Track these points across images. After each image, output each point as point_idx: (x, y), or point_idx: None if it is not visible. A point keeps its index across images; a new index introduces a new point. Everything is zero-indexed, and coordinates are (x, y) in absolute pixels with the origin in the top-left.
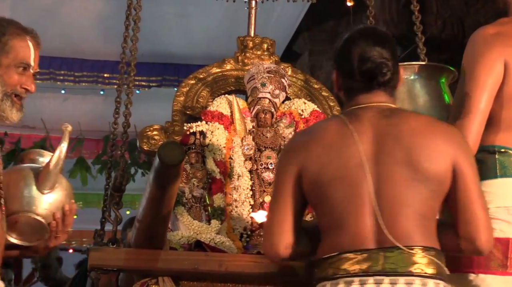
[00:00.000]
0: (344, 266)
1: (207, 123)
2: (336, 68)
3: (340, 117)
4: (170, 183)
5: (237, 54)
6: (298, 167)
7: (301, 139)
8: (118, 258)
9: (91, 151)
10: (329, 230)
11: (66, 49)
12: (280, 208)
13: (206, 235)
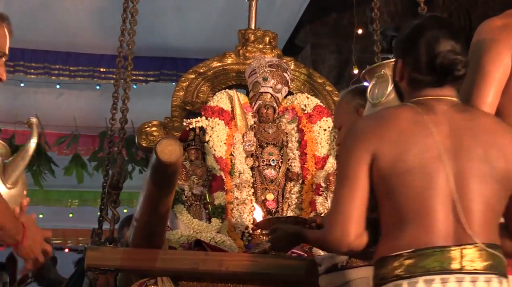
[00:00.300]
0: (423, 263)
1: (207, 118)
2: (402, 57)
3: (410, 106)
4: (168, 180)
5: (238, 47)
6: (370, 153)
7: (372, 123)
8: (116, 257)
9: (87, 148)
10: (401, 224)
11: (61, 42)
12: (351, 195)
13: (206, 234)
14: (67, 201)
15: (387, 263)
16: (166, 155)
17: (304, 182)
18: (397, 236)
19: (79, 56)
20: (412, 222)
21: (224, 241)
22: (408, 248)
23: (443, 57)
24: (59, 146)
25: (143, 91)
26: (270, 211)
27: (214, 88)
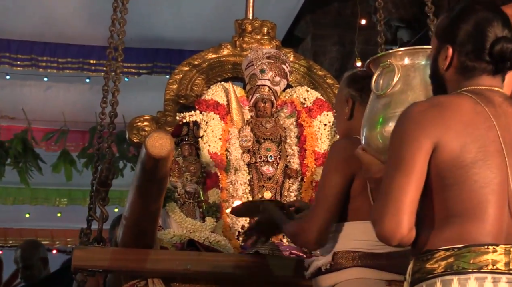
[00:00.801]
0: (474, 260)
1: (202, 112)
2: (450, 43)
3: (468, 95)
4: (158, 176)
5: (235, 38)
6: (434, 139)
7: (433, 111)
8: (104, 258)
9: (76, 144)
10: (454, 217)
11: (49, 33)
12: (408, 185)
13: (200, 233)
14: (55, 200)
15: (434, 257)
16: (157, 149)
17: (303, 179)
18: (447, 229)
19: (68, 47)
20: (467, 216)
21: (218, 241)
22: (459, 243)
23: (501, 44)
24: (47, 142)
25: (136, 84)
26: None
27: (209, 80)
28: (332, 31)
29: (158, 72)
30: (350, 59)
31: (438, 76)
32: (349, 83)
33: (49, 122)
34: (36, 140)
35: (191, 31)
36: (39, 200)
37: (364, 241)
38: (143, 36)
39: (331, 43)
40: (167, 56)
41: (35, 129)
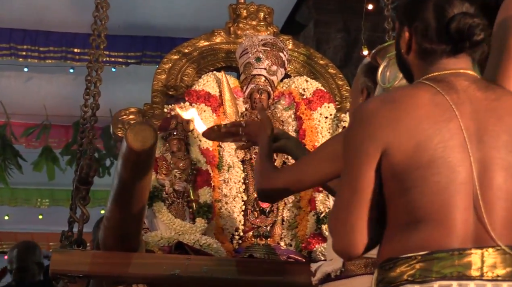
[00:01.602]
0: (437, 267)
1: (192, 104)
2: (407, 25)
3: (427, 84)
4: (141, 171)
5: (229, 24)
6: (382, 145)
7: (382, 109)
8: (85, 262)
9: (59, 140)
10: (414, 223)
11: (29, 19)
12: (357, 201)
13: (189, 235)
14: (36, 201)
15: (397, 266)
16: (139, 142)
17: None
18: (409, 236)
19: (50, 35)
20: (428, 221)
21: (210, 244)
22: (422, 249)
23: (457, 20)
24: (27, 137)
25: (123, 74)
26: (264, 210)
27: (200, 70)
28: (336, 17)
29: (147, 61)
30: (356, 47)
31: (402, 62)
32: (366, 72)
33: (29, 116)
34: (16, 135)
35: (183, 17)
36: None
37: None
38: (131, 23)
39: (335, 30)
40: (157, 45)
41: (15, 123)
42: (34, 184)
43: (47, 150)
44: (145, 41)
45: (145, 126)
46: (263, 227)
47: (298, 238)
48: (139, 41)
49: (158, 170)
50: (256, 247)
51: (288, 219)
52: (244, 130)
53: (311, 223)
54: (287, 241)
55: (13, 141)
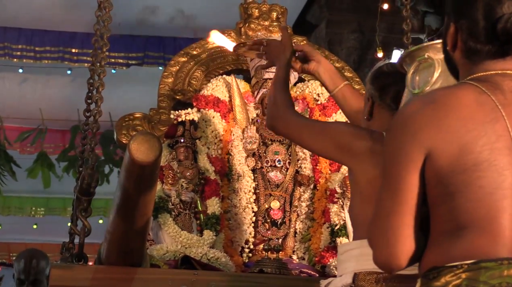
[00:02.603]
0: (484, 277)
1: (200, 110)
2: (453, 21)
3: (471, 84)
4: (145, 184)
5: (240, 25)
6: (424, 147)
7: (425, 111)
8: (86, 277)
9: (55, 145)
10: (460, 230)
11: (24, 18)
12: (401, 208)
13: (196, 249)
14: (30, 210)
15: (441, 275)
16: (142, 154)
17: (316, 187)
18: (454, 243)
19: (46, 34)
20: (475, 228)
21: (218, 258)
22: (468, 258)
23: (505, 21)
24: (22, 142)
25: (124, 76)
26: (275, 221)
27: (209, 73)
28: (349, 16)
29: (149, 63)
30: (370, 49)
31: (448, 58)
32: (371, 80)
33: (24, 120)
34: (10, 140)
35: (188, 17)
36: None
37: None
38: (132, 21)
39: (348, 30)
40: (159, 45)
41: (9, 128)
42: (28, 192)
43: (43, 156)
44: (147, 41)
45: (149, 137)
46: (275, 239)
47: (311, 252)
48: (140, 41)
49: (164, 179)
50: (266, 261)
51: (301, 231)
52: (265, 49)
53: (325, 236)
54: (300, 254)
55: (7, 146)
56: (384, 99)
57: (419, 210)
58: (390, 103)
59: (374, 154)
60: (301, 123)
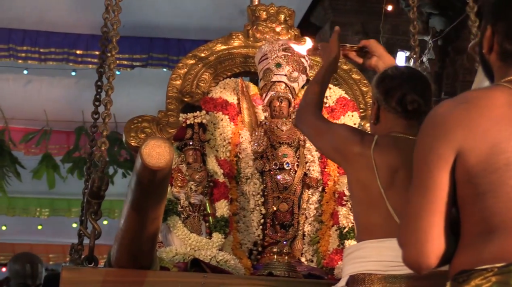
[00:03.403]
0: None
1: (208, 113)
2: (490, 24)
3: (505, 86)
4: (156, 189)
5: (247, 27)
6: (455, 147)
7: (456, 111)
8: (96, 280)
9: (60, 146)
10: (490, 232)
11: (29, 19)
12: (430, 207)
13: (205, 251)
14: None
15: (471, 278)
16: (154, 159)
17: (324, 189)
18: (484, 246)
19: (51, 36)
20: (505, 229)
21: (227, 261)
22: (498, 261)
23: None
24: (27, 143)
25: (128, 78)
26: (284, 224)
27: (217, 75)
28: (354, 18)
29: (153, 64)
30: None
31: (484, 61)
32: (376, 84)
33: (29, 121)
34: (14, 141)
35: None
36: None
37: (381, 262)
38: (137, 22)
39: (353, 32)
40: (164, 46)
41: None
42: (33, 193)
43: (47, 157)
44: (151, 43)
45: (160, 142)
46: (283, 242)
47: (319, 254)
48: (145, 42)
49: (173, 182)
50: (275, 264)
51: (310, 233)
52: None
53: (334, 238)
54: (308, 257)
55: (12, 147)
56: (389, 103)
57: (449, 209)
58: (395, 106)
59: (363, 157)
60: (314, 123)
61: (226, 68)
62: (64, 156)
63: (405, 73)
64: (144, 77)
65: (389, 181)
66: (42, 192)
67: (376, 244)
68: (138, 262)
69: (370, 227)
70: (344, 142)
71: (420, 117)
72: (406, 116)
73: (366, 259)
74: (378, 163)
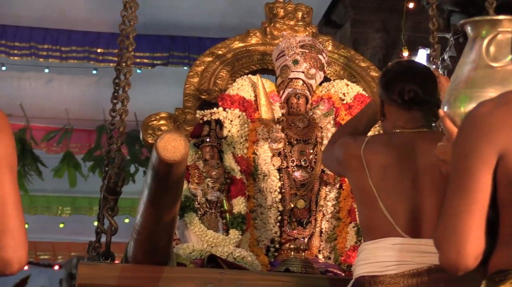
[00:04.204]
0: None
1: (225, 109)
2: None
3: None
4: (172, 183)
5: (265, 24)
6: (498, 148)
7: (497, 112)
8: (112, 275)
9: (81, 145)
10: None
11: (50, 18)
12: (471, 208)
13: (222, 248)
14: (57, 209)
15: (508, 278)
16: (169, 153)
17: (342, 186)
18: None
19: (72, 34)
20: None
21: (244, 257)
22: None
23: None
24: (48, 142)
25: (149, 76)
26: (301, 221)
27: (235, 73)
28: (374, 16)
29: (174, 62)
30: (395, 48)
31: None
32: (379, 80)
33: (50, 119)
34: (36, 140)
35: (212, 16)
36: (39, 208)
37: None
38: (158, 21)
39: (373, 30)
40: (184, 45)
41: (35, 127)
42: (54, 191)
43: (69, 155)
44: (172, 41)
45: (175, 136)
46: (300, 239)
47: (337, 251)
48: (166, 41)
49: (190, 179)
50: (292, 260)
51: (327, 230)
52: None
53: (351, 235)
54: (326, 253)
55: (33, 146)
56: (390, 95)
57: (488, 211)
58: (396, 98)
59: (355, 158)
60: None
61: (243, 65)
62: (85, 155)
63: (404, 65)
64: (165, 75)
65: (381, 180)
66: (64, 190)
67: (372, 245)
68: (155, 258)
69: (368, 228)
70: (341, 149)
71: (422, 108)
72: (406, 107)
73: (365, 261)
74: (368, 162)
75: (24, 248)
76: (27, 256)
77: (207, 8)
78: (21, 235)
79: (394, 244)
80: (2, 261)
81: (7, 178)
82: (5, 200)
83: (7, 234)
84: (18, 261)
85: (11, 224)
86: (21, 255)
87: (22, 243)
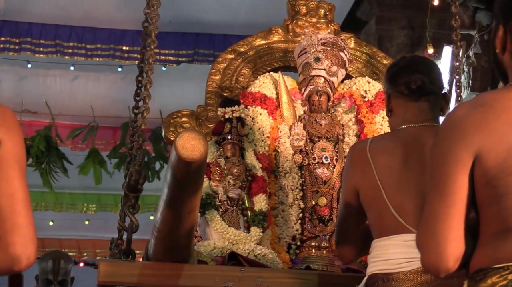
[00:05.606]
0: None
1: (247, 107)
2: (502, 23)
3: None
4: (191, 181)
5: (287, 22)
6: (473, 150)
7: (472, 114)
8: (133, 273)
9: (106, 142)
10: (506, 232)
11: (75, 15)
12: (449, 210)
13: (243, 245)
14: (82, 206)
15: (488, 276)
16: (188, 151)
17: None
18: (501, 245)
19: (97, 32)
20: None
21: (265, 255)
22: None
23: None
24: (73, 139)
25: (174, 74)
26: (323, 218)
27: (256, 70)
28: (400, 13)
29: (199, 60)
30: (420, 46)
31: (497, 62)
32: (385, 75)
33: (76, 117)
34: (61, 137)
35: (237, 13)
36: (64, 205)
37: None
38: (183, 18)
39: (398, 27)
40: (210, 42)
41: (60, 125)
42: (80, 189)
43: (94, 152)
44: (198, 39)
45: (195, 134)
46: (322, 236)
47: None
48: (191, 38)
49: (211, 176)
50: (314, 258)
51: None
52: None
53: None
54: None
55: (59, 143)
56: (397, 88)
57: (467, 212)
58: (403, 89)
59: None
60: None
61: (265, 62)
62: (111, 152)
63: (407, 58)
64: (190, 73)
65: (387, 177)
66: (89, 187)
67: (382, 243)
68: (175, 255)
69: (378, 227)
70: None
71: (430, 98)
72: (414, 98)
73: (377, 259)
74: (374, 161)
75: (32, 245)
76: (35, 253)
77: (232, 5)
78: (29, 232)
79: (406, 241)
80: (11, 258)
81: (16, 175)
82: (14, 197)
83: (15, 231)
84: (26, 258)
85: (20, 221)
86: (30, 251)
87: (31, 239)
